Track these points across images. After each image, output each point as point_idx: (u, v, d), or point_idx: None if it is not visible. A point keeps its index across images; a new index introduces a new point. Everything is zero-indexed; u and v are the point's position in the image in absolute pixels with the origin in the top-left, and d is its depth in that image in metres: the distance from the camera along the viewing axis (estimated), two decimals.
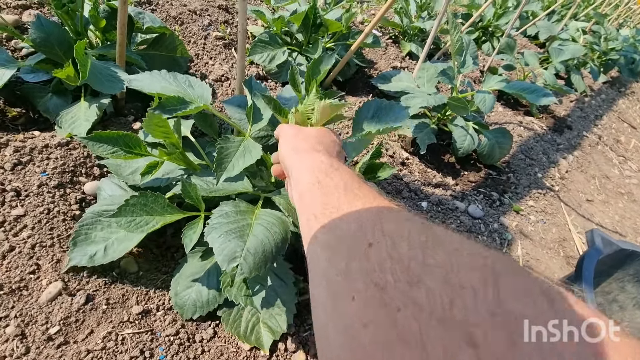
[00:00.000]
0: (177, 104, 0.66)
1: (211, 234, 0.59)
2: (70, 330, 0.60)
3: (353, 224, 0.25)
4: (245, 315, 0.71)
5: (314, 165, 0.35)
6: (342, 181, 0.31)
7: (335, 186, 0.30)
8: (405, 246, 0.21)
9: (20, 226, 0.67)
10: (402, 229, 0.22)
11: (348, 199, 0.28)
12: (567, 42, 2.71)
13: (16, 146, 0.77)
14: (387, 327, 0.18)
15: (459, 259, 0.19)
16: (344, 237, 0.24)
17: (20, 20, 1.13)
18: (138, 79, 0.73)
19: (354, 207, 0.26)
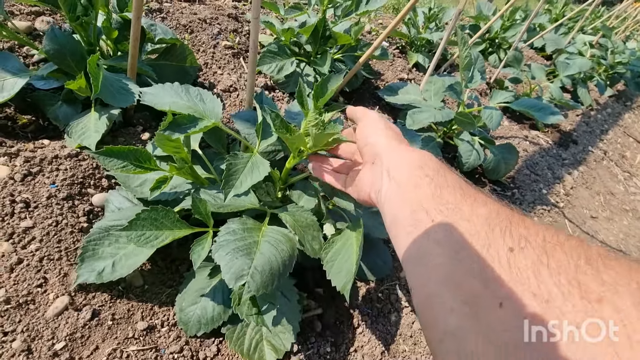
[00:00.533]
0: (188, 122, 0.67)
1: (218, 251, 0.59)
2: (75, 346, 0.60)
3: (481, 225, 0.23)
4: (249, 333, 0.71)
5: (423, 160, 0.34)
6: (457, 183, 0.30)
7: (451, 186, 0.30)
8: (562, 254, 0.19)
9: (29, 238, 0.68)
10: (543, 237, 0.20)
11: (468, 201, 0.27)
12: (574, 55, 2.71)
13: (26, 156, 0.78)
14: (567, 346, 0.16)
15: (637, 277, 0.17)
16: (473, 236, 0.23)
17: (33, 26, 1.14)
18: (150, 92, 0.73)
19: (477, 210, 0.25)
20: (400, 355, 0.82)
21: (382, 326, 0.85)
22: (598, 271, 0.17)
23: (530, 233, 0.21)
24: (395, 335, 0.85)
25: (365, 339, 0.82)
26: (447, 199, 0.28)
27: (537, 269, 0.18)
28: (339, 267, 0.70)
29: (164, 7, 1.42)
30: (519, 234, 0.21)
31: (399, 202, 0.32)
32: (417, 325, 0.88)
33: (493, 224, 0.23)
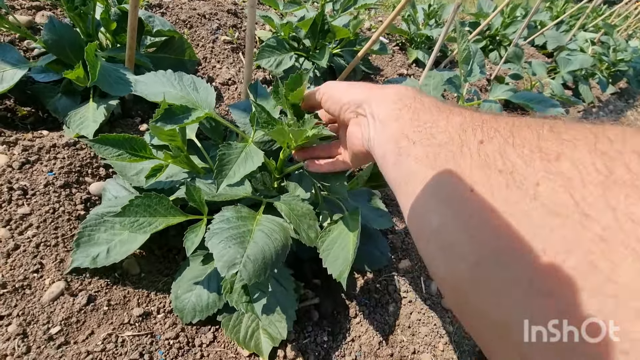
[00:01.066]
0: (181, 112, 0.67)
1: (212, 239, 0.59)
2: (71, 330, 0.60)
3: (455, 131, 0.24)
4: (245, 321, 0.71)
5: (400, 93, 0.34)
6: (433, 103, 0.31)
7: (427, 108, 0.30)
8: (527, 130, 0.19)
9: (26, 225, 0.68)
10: (512, 123, 0.21)
11: (444, 115, 0.28)
12: (575, 52, 2.70)
13: (25, 145, 0.78)
14: (528, 204, 0.17)
15: (596, 131, 0.17)
16: (447, 143, 0.24)
17: (33, 21, 1.15)
18: (142, 80, 0.74)
19: (452, 120, 0.26)
20: (398, 345, 0.81)
21: (379, 316, 0.85)
22: (559, 134, 0.18)
23: (500, 124, 0.22)
24: (393, 325, 0.84)
25: (363, 329, 0.82)
26: (424, 120, 0.29)
27: (502, 149, 0.20)
28: (335, 256, 0.70)
29: (164, 2, 1.43)
30: (490, 127, 0.22)
31: (385, 139, 0.33)
32: (416, 316, 0.87)
33: (466, 126, 0.24)
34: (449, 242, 0.20)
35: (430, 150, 0.25)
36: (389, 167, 0.31)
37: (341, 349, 0.77)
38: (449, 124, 0.26)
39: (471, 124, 0.23)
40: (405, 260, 0.98)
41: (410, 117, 0.30)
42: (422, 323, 0.86)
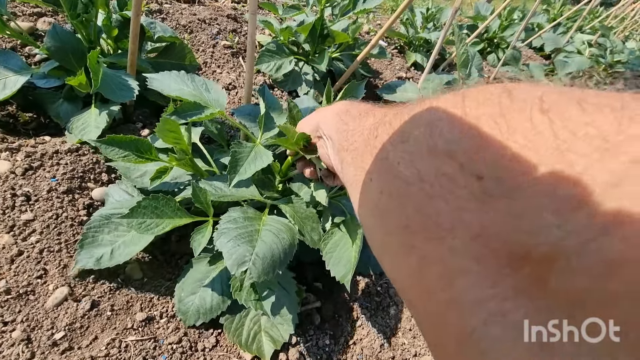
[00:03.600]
0: (193, 109, 0.68)
1: (220, 238, 0.60)
2: (75, 336, 0.61)
3: (367, 132, 0.27)
4: (247, 324, 0.71)
5: (336, 108, 0.37)
6: (360, 109, 0.33)
7: (353, 116, 0.33)
8: (393, 118, 0.23)
9: (29, 231, 0.68)
10: (395, 112, 0.24)
11: (363, 120, 0.30)
12: (572, 54, 2.72)
13: (28, 151, 0.79)
14: (391, 180, 0.20)
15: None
16: (360, 145, 0.28)
17: (35, 27, 1.16)
18: (157, 78, 0.74)
19: (367, 123, 0.29)
20: (400, 348, 0.81)
21: (381, 319, 0.85)
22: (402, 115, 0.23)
23: (389, 115, 0.25)
24: (395, 328, 0.85)
25: (364, 332, 0.82)
26: (351, 128, 0.31)
27: (384, 139, 0.23)
28: (338, 258, 0.71)
29: (164, 8, 1.44)
30: (384, 121, 0.25)
31: (334, 152, 0.35)
32: None
33: (376, 125, 0.26)
34: (368, 227, 0.24)
35: (353, 154, 0.28)
36: (340, 176, 0.33)
37: (343, 352, 0.77)
38: (363, 127, 0.29)
39: (379, 122, 0.26)
40: None
41: (344, 129, 0.33)
42: None
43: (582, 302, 0.12)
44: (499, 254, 0.14)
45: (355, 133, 0.30)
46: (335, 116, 0.36)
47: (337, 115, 0.36)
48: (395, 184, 0.20)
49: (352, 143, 0.29)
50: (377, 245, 0.23)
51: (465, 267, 0.16)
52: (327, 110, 0.40)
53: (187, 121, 0.66)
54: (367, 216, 0.24)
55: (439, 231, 0.17)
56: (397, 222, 0.20)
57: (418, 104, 0.21)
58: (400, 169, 0.20)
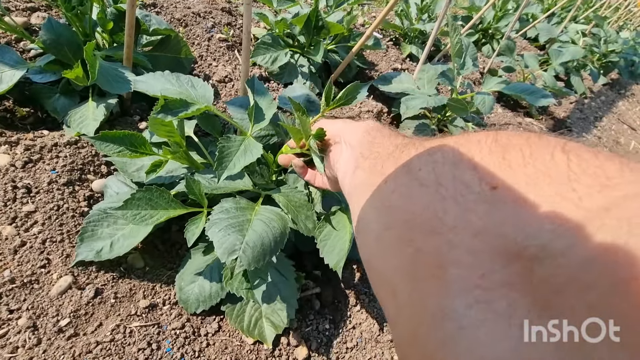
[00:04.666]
0: (180, 106, 0.68)
1: (211, 228, 0.61)
2: (80, 322, 0.62)
3: (393, 147, 0.30)
4: (248, 311, 0.73)
5: (367, 125, 0.39)
6: (391, 133, 0.35)
7: (383, 135, 0.35)
8: (425, 142, 0.25)
9: (31, 222, 0.69)
10: (415, 143, 0.27)
11: (392, 139, 0.32)
12: (566, 44, 2.73)
13: (27, 145, 0.79)
14: (407, 182, 0.23)
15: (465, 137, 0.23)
16: (383, 155, 0.30)
17: (28, 22, 1.15)
18: (142, 80, 0.75)
19: (395, 141, 0.31)
20: None
21: (379, 304, 0.87)
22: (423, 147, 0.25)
23: (415, 142, 0.27)
24: None
25: (364, 316, 0.84)
26: (378, 142, 0.34)
27: (415, 147, 0.25)
28: (332, 246, 0.72)
29: (158, 1, 1.44)
30: (412, 143, 0.27)
31: (348, 158, 0.38)
32: None
33: (403, 145, 0.28)
34: (366, 223, 0.26)
35: (372, 162, 0.31)
36: (346, 180, 0.35)
37: (343, 335, 0.79)
38: (391, 143, 0.31)
39: (409, 143, 0.28)
40: None
41: (369, 141, 0.35)
42: None
43: (561, 291, 0.14)
44: (494, 250, 0.17)
45: (380, 146, 0.32)
46: (363, 131, 0.38)
47: (365, 130, 0.38)
48: (410, 185, 0.22)
49: (374, 152, 0.32)
50: (371, 239, 0.24)
51: (459, 259, 0.17)
52: (355, 124, 0.43)
53: (175, 118, 0.66)
54: (370, 213, 0.26)
55: (441, 227, 0.19)
56: (400, 217, 0.22)
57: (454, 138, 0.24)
58: (420, 174, 0.22)
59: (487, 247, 0.17)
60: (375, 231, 0.24)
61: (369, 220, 0.26)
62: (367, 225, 0.26)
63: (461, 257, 0.17)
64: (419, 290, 0.19)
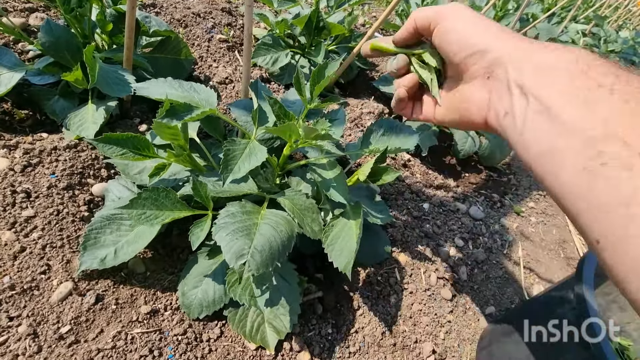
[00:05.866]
0: (184, 110, 0.68)
1: (219, 232, 0.60)
2: (80, 329, 0.61)
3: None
4: (251, 316, 0.72)
5: (582, 60, 0.26)
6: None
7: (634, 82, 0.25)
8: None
9: (31, 227, 0.69)
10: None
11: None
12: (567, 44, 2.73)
13: (26, 148, 0.78)
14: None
15: None
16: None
17: (27, 23, 1.14)
18: (144, 86, 0.74)
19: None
20: (401, 335, 0.83)
21: (382, 308, 0.87)
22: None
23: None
24: (395, 316, 0.86)
25: (366, 320, 0.83)
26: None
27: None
28: (340, 249, 0.72)
29: (157, 2, 1.43)
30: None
31: (557, 131, 0.25)
32: (417, 307, 0.89)
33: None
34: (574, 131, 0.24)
35: (612, 79, 0.22)
36: (565, 171, 0.24)
37: (345, 340, 0.79)
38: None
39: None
40: (405, 253, 1.00)
41: (622, 110, 0.22)
42: (423, 313, 0.88)
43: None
44: None
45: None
46: (576, 76, 0.26)
47: (582, 73, 0.25)
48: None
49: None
50: (576, 151, 0.21)
51: None
52: (529, 47, 0.30)
53: (180, 122, 0.66)
54: (585, 120, 0.22)
55: None
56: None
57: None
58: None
59: None
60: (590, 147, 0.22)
61: (587, 127, 0.22)
62: (576, 138, 0.22)
63: None
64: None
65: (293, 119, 0.69)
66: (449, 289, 0.96)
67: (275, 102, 0.67)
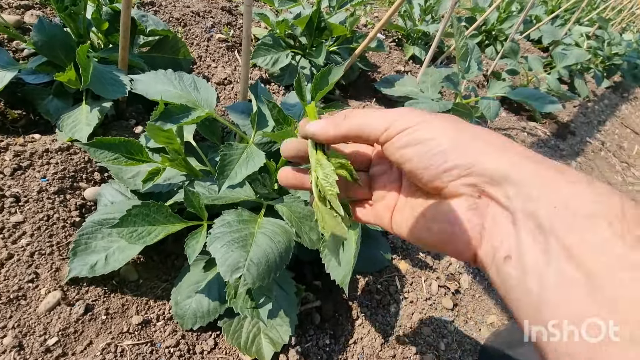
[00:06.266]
0: (180, 112, 0.65)
1: (214, 243, 0.58)
2: (68, 341, 0.59)
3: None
4: (246, 326, 0.70)
5: (623, 209, 0.19)
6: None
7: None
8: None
9: (19, 233, 0.66)
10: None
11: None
12: (570, 46, 2.70)
13: (16, 150, 0.76)
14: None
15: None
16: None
17: (22, 20, 1.12)
18: (141, 79, 0.72)
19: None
20: (401, 346, 0.81)
21: (381, 317, 0.84)
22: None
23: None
24: (395, 326, 0.84)
25: (365, 330, 0.81)
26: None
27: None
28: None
29: (156, 0, 1.40)
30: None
31: (610, 320, 0.17)
32: (417, 317, 0.87)
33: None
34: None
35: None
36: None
37: (344, 351, 0.76)
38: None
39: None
40: (406, 260, 0.98)
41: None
42: (424, 323, 0.86)
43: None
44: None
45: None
46: (611, 222, 0.19)
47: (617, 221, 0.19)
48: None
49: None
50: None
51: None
52: (545, 172, 0.21)
53: (175, 126, 0.63)
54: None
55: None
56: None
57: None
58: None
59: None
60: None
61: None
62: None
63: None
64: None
65: (292, 124, 0.67)
66: (450, 297, 0.94)
67: (275, 106, 0.65)
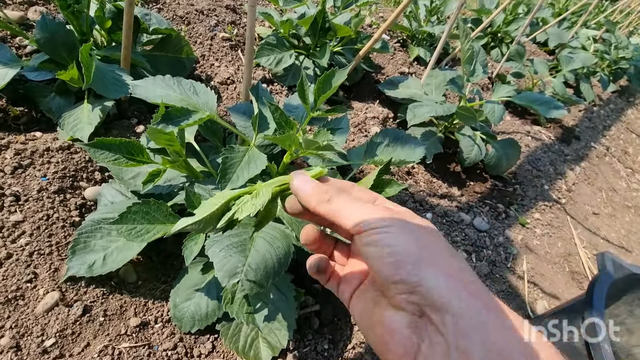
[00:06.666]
0: (181, 115, 0.65)
1: (212, 247, 0.57)
2: (66, 342, 0.59)
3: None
4: (245, 330, 0.70)
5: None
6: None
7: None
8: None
9: (19, 232, 0.66)
10: None
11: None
12: (577, 50, 2.67)
13: (17, 149, 0.76)
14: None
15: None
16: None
17: (25, 16, 1.11)
18: (141, 85, 0.71)
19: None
20: None
21: None
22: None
23: None
24: None
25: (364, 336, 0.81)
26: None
27: None
28: None
29: None
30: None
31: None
32: None
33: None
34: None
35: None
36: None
37: (342, 357, 0.76)
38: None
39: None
40: None
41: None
42: None
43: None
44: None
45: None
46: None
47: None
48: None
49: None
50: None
51: None
52: (498, 327, 0.23)
53: (176, 128, 0.63)
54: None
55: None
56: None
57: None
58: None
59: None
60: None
61: None
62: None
63: None
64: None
65: (294, 127, 0.66)
66: None
67: (277, 109, 0.64)
